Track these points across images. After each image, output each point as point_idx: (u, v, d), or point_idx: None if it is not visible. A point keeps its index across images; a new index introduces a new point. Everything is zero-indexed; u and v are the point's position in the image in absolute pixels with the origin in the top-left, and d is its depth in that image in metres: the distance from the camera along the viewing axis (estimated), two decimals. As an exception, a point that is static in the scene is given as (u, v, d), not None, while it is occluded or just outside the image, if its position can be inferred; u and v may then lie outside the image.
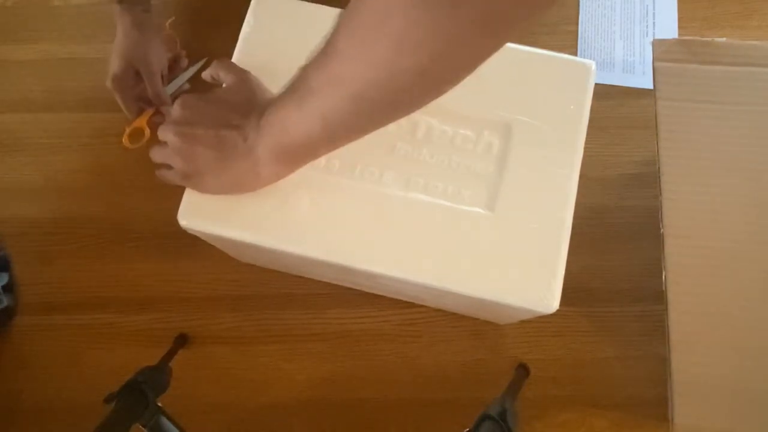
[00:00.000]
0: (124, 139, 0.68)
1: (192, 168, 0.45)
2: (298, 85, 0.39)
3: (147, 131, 0.68)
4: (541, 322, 0.56)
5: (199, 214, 0.47)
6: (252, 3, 0.52)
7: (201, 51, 0.72)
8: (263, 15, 0.52)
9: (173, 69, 0.70)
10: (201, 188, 0.47)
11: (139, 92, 0.66)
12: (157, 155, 0.47)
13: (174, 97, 0.68)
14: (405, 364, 0.64)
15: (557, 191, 0.47)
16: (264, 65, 0.49)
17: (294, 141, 0.41)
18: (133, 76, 0.65)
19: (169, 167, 0.47)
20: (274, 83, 0.46)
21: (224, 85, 0.48)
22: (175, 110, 0.46)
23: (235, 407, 0.63)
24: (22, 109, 0.72)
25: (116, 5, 0.65)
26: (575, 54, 0.73)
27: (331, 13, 0.51)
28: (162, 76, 0.67)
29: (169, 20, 0.72)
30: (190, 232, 0.49)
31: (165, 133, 0.46)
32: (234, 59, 0.51)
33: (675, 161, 0.50)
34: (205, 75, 0.50)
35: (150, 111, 0.67)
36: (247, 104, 0.44)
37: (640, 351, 0.63)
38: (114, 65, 0.64)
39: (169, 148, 0.46)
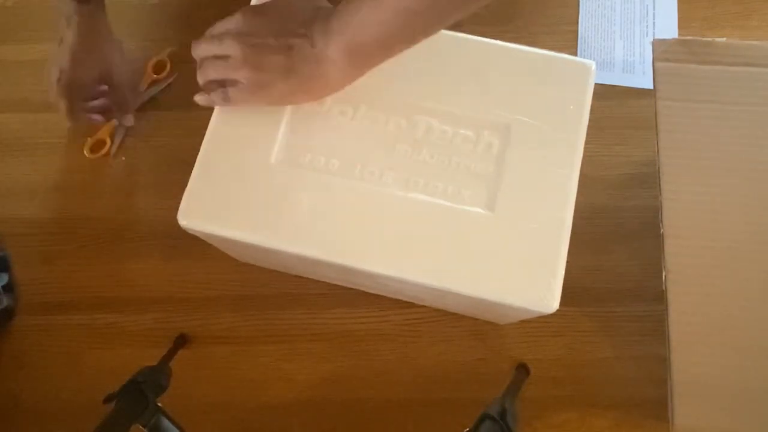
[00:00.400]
0: (86, 150, 0.68)
1: (263, 77, 0.46)
2: None
3: (108, 142, 0.68)
4: (541, 322, 0.56)
5: (199, 214, 0.47)
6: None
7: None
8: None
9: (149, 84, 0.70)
10: (270, 98, 0.48)
11: (87, 100, 0.65)
12: (211, 72, 0.48)
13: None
14: (405, 364, 0.64)
15: (557, 191, 0.47)
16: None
17: (370, 39, 0.42)
18: (91, 83, 0.63)
19: (216, 88, 0.47)
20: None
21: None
22: (236, 22, 0.47)
23: (235, 407, 0.63)
24: (22, 109, 0.72)
25: (75, 4, 0.60)
26: (575, 54, 0.73)
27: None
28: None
29: (168, 51, 0.72)
30: (190, 232, 0.49)
31: (226, 46, 0.46)
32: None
33: (675, 161, 0.50)
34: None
35: (113, 123, 0.68)
36: (306, 12, 0.46)
37: (640, 351, 0.63)
38: (71, 70, 0.60)
39: (233, 60, 0.46)
